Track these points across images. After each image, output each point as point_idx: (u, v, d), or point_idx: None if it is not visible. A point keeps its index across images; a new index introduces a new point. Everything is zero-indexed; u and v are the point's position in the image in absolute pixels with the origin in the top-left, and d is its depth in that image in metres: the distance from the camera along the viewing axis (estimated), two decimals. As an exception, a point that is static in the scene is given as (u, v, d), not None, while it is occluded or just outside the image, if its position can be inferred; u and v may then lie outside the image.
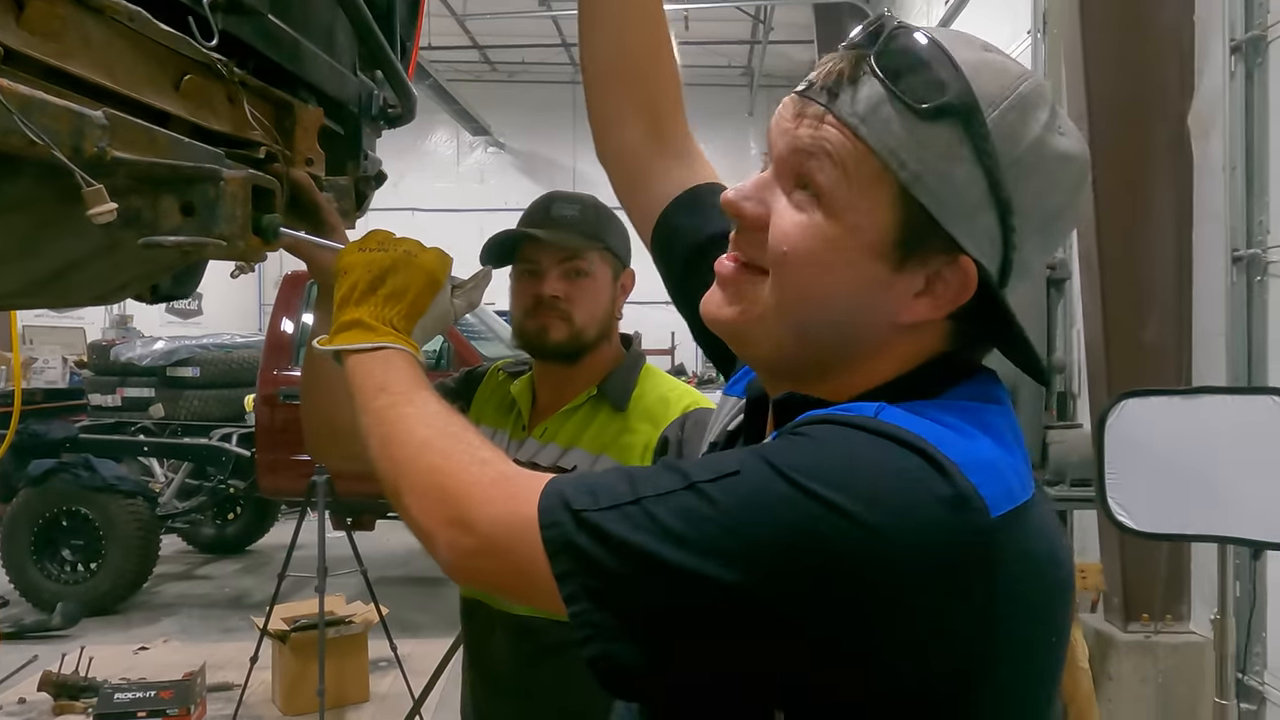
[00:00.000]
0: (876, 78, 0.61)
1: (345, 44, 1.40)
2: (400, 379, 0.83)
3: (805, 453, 0.59)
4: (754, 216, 0.66)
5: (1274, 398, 1.88)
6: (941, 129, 0.60)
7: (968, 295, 0.63)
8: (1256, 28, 2.93)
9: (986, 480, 0.58)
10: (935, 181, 0.60)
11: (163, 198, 0.86)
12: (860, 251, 0.63)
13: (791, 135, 0.64)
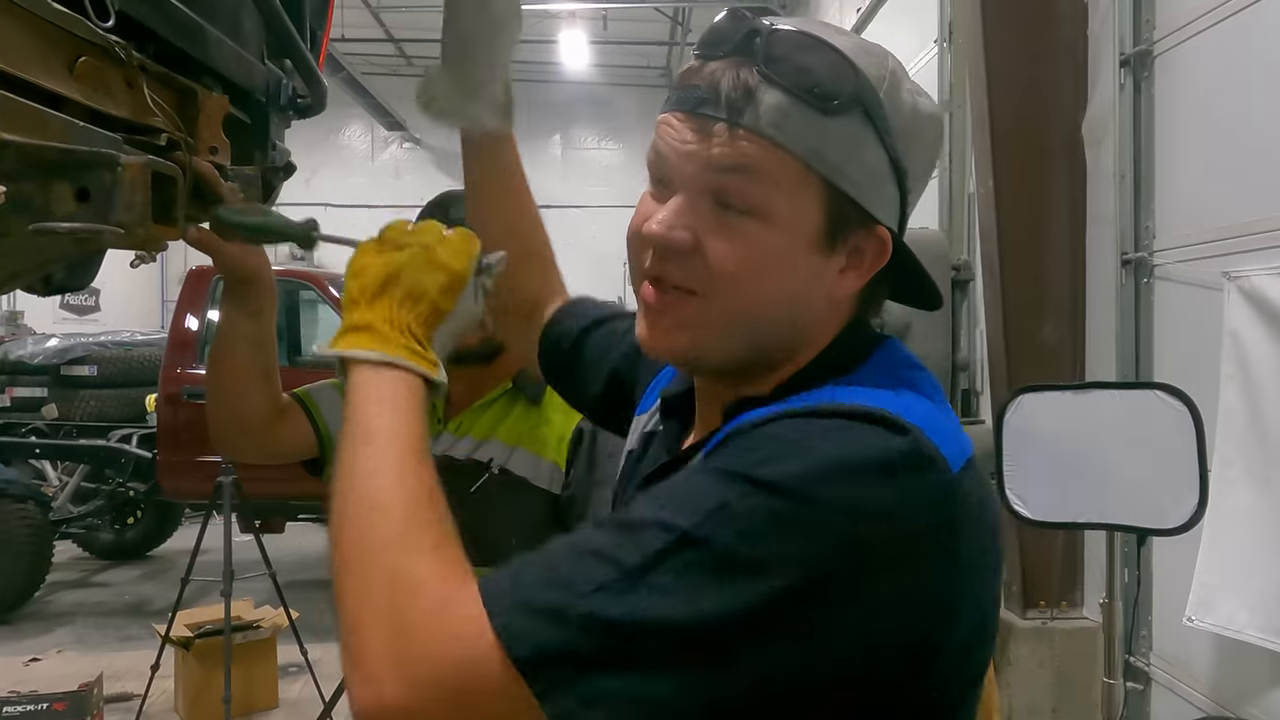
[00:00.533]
0: (777, 86, 0.62)
1: (252, 31, 1.36)
2: (398, 424, 0.71)
3: (783, 457, 0.56)
4: (685, 244, 0.65)
5: (1158, 392, 1.98)
6: (848, 120, 0.63)
7: (885, 259, 0.68)
8: (1143, 43, 3.08)
9: (944, 440, 0.60)
10: (853, 169, 0.64)
11: (55, 183, 0.83)
12: (798, 250, 0.65)
13: (703, 156, 0.64)
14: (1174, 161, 3.00)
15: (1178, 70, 2.98)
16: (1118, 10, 3.12)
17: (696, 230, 0.65)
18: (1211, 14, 2.77)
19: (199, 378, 5.14)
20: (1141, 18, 3.09)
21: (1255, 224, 2.56)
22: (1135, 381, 2.87)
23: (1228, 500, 2.41)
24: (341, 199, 13.26)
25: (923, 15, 5.30)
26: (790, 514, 0.54)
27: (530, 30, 11.52)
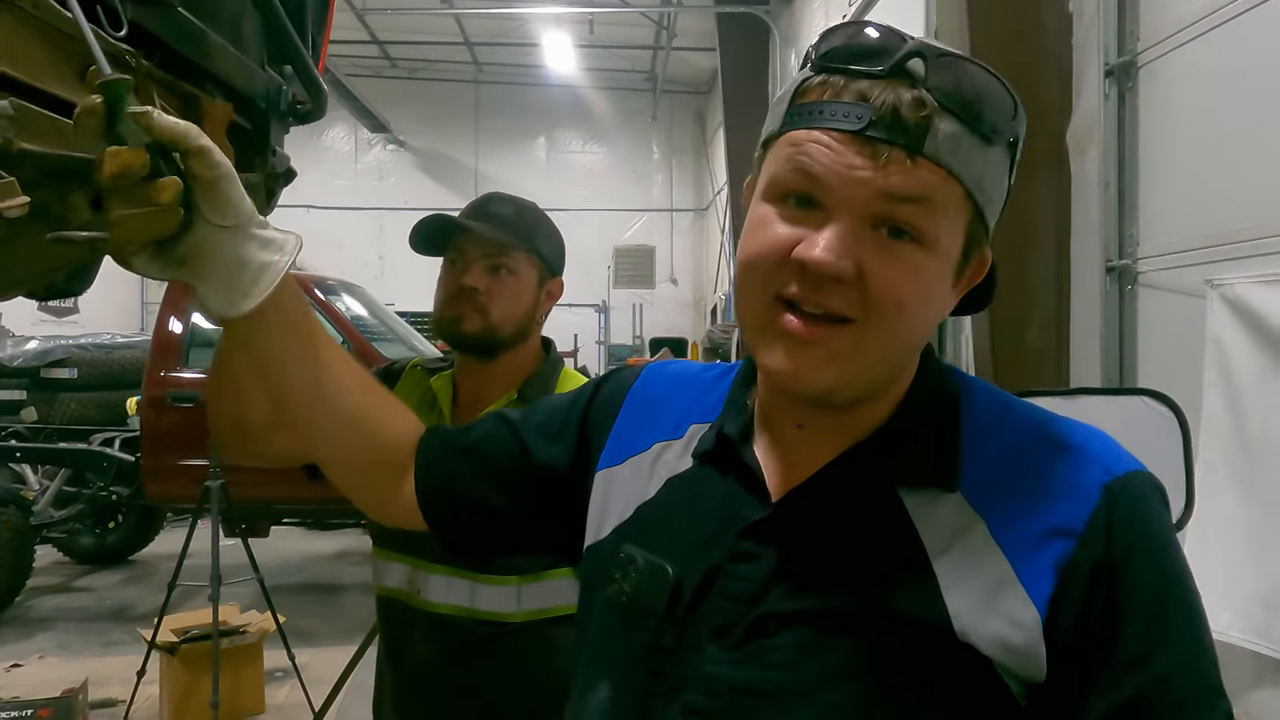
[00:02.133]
0: (952, 114, 0.61)
1: (254, 38, 1.37)
2: None
3: (1182, 580, 0.64)
4: (851, 273, 0.62)
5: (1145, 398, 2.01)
6: (1000, 150, 0.65)
7: (983, 275, 0.69)
8: (1128, 53, 3.13)
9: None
10: (997, 197, 0.66)
11: (72, 191, 0.83)
12: (946, 275, 0.66)
13: (879, 183, 0.61)
14: (1158, 170, 3.05)
15: (1162, 81, 3.02)
16: (1102, 21, 3.16)
17: (860, 260, 0.62)
18: (1195, 25, 2.82)
19: (183, 381, 5.10)
20: (1126, 29, 3.14)
21: (1238, 232, 2.61)
22: (1122, 388, 2.91)
23: (1211, 505, 2.45)
24: (325, 201, 13.22)
25: (908, 23, 5.34)
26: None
27: (516, 33, 11.52)
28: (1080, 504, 0.63)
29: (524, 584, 1.44)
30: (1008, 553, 0.62)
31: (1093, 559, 0.62)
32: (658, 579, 0.72)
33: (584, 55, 12.07)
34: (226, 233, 0.70)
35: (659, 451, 0.79)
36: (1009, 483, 0.65)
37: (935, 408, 0.69)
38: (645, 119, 14.07)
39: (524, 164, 13.82)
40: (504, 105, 13.88)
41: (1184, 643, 0.62)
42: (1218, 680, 0.62)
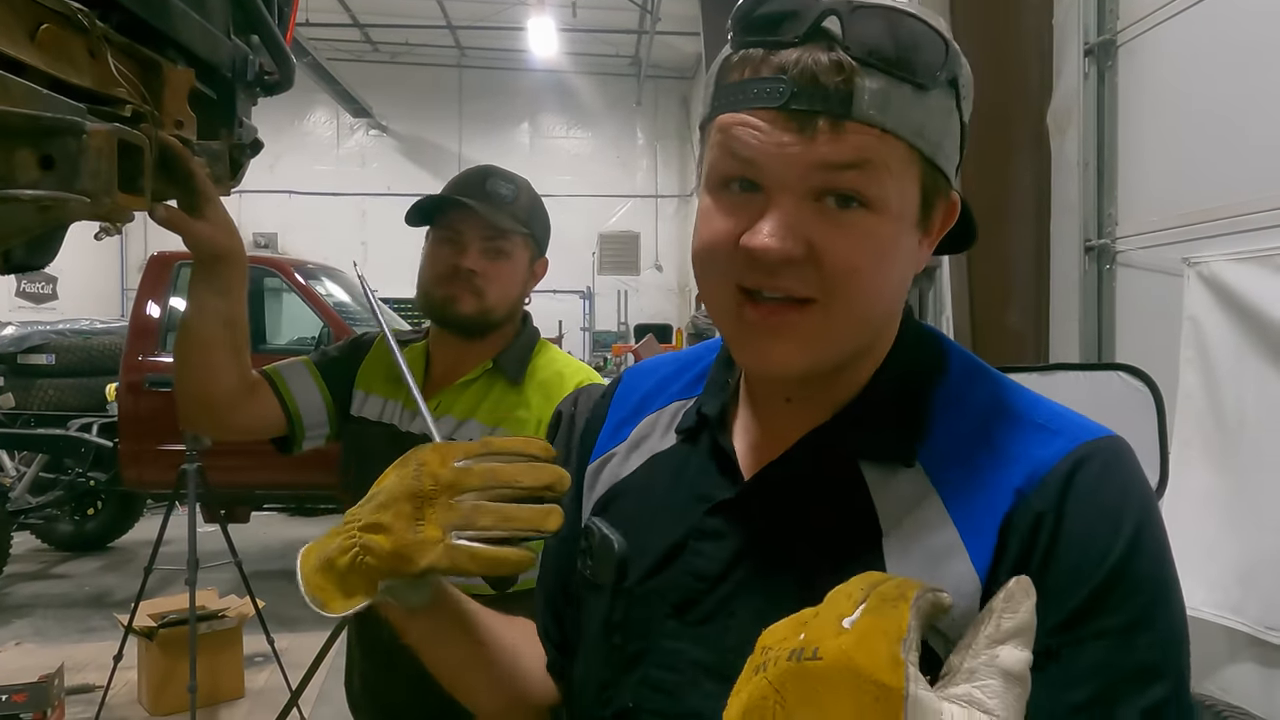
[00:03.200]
0: (876, 69, 0.58)
1: (219, 5, 1.34)
2: None
3: (1158, 557, 0.60)
4: (801, 255, 0.60)
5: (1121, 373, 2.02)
6: (940, 93, 0.61)
7: (953, 219, 0.66)
8: (1107, 33, 3.13)
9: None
10: (946, 141, 0.62)
11: (18, 149, 0.81)
12: (905, 234, 0.62)
13: (810, 156, 0.58)
14: (1137, 150, 3.05)
15: (1141, 60, 3.02)
16: (1082, 0, 3.16)
17: (808, 238, 0.59)
18: (1174, 4, 2.82)
19: (161, 366, 5.06)
20: (1105, 8, 3.14)
21: (1214, 211, 2.62)
22: (1098, 363, 2.92)
23: (1186, 480, 2.46)
24: (306, 186, 13.11)
25: (890, 5, 5.33)
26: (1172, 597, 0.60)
27: (499, 17, 11.43)
28: (1035, 467, 0.61)
29: None
30: (958, 523, 0.61)
31: (1034, 514, 0.59)
32: (607, 553, 0.73)
33: (567, 40, 12.00)
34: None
35: (643, 431, 0.80)
36: (967, 455, 0.63)
37: (907, 378, 0.68)
38: (629, 104, 14.00)
39: (508, 149, 13.73)
40: (487, 90, 13.78)
41: (1134, 613, 0.57)
42: (1159, 662, 0.57)
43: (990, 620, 0.51)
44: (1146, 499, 0.62)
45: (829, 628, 0.48)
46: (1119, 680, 0.56)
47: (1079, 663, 0.56)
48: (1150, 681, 0.56)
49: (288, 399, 1.47)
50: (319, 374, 1.52)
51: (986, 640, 0.50)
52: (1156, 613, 0.58)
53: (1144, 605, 0.58)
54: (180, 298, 5.28)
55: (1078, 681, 0.56)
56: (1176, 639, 0.59)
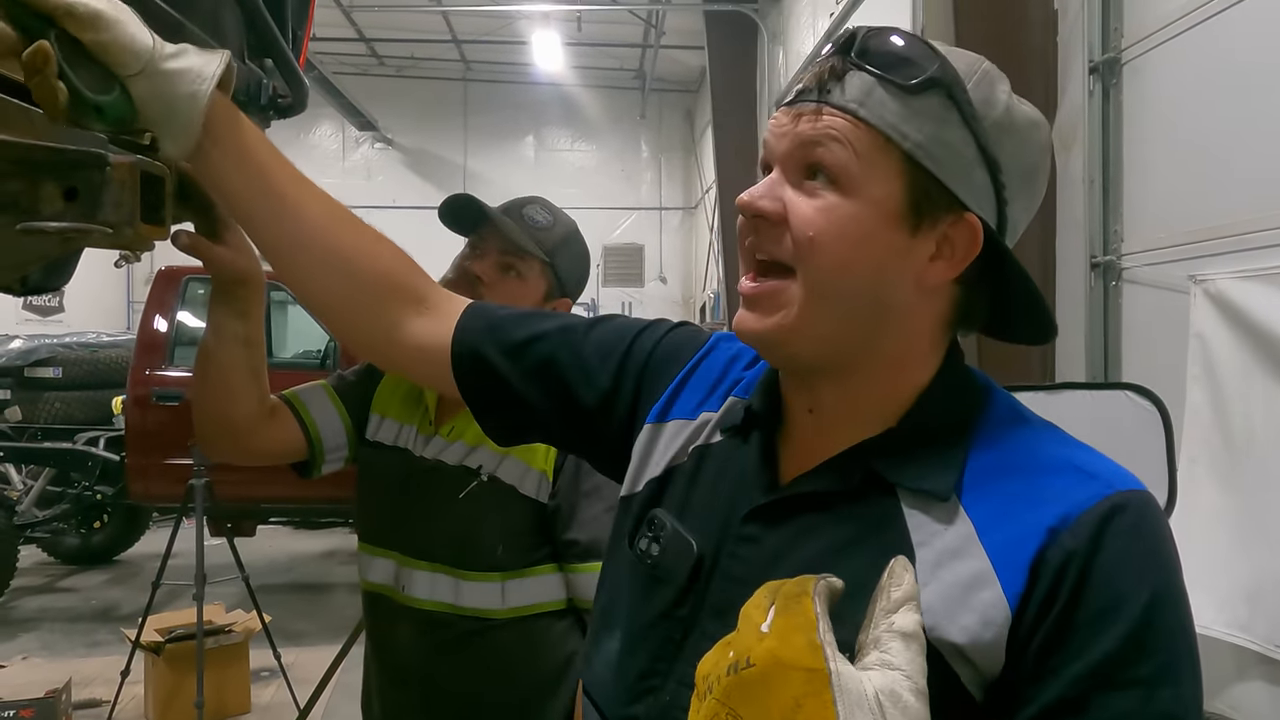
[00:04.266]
0: (864, 69, 0.67)
1: (233, 30, 1.36)
2: None
3: (1168, 572, 0.62)
4: (772, 212, 0.68)
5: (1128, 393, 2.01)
6: (931, 100, 0.66)
7: (977, 249, 0.68)
8: (1112, 50, 3.14)
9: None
10: (934, 146, 0.66)
11: (43, 182, 0.82)
12: (879, 223, 0.66)
13: (792, 133, 0.68)
14: (1142, 167, 3.06)
15: (1146, 77, 3.03)
16: (1087, 18, 3.17)
17: (784, 198, 0.68)
18: (1178, 22, 2.83)
19: (168, 380, 5.08)
20: (1110, 25, 3.15)
21: (1220, 228, 2.62)
22: (1105, 382, 2.92)
23: (1194, 498, 2.46)
24: (312, 199, 13.13)
25: (895, 20, 5.36)
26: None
27: (504, 31, 11.49)
28: (1070, 508, 0.62)
29: (507, 580, 1.44)
30: (991, 555, 0.62)
31: (1065, 552, 0.60)
32: (683, 551, 0.75)
33: (572, 53, 12.05)
34: (140, 79, 0.72)
35: (703, 421, 0.81)
36: (1004, 490, 0.65)
37: (950, 413, 0.70)
38: (634, 117, 14.05)
39: (513, 162, 13.78)
40: (492, 103, 13.84)
41: (1161, 665, 0.59)
42: (1181, 715, 0.58)
43: (882, 596, 0.56)
44: (1174, 557, 0.63)
45: (751, 637, 0.53)
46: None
47: (1108, 711, 0.58)
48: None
49: (308, 422, 1.47)
50: (337, 398, 1.52)
51: (882, 612, 0.55)
52: (1181, 667, 0.60)
53: (1169, 659, 0.59)
54: (188, 311, 5.30)
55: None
56: (1197, 697, 0.60)
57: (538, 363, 0.88)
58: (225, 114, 0.79)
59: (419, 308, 0.89)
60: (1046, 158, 0.73)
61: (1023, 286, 0.70)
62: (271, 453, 1.43)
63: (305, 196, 0.85)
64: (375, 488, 1.53)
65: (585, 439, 0.91)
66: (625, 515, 0.83)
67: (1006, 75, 0.72)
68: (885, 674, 0.52)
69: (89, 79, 0.71)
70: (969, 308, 0.72)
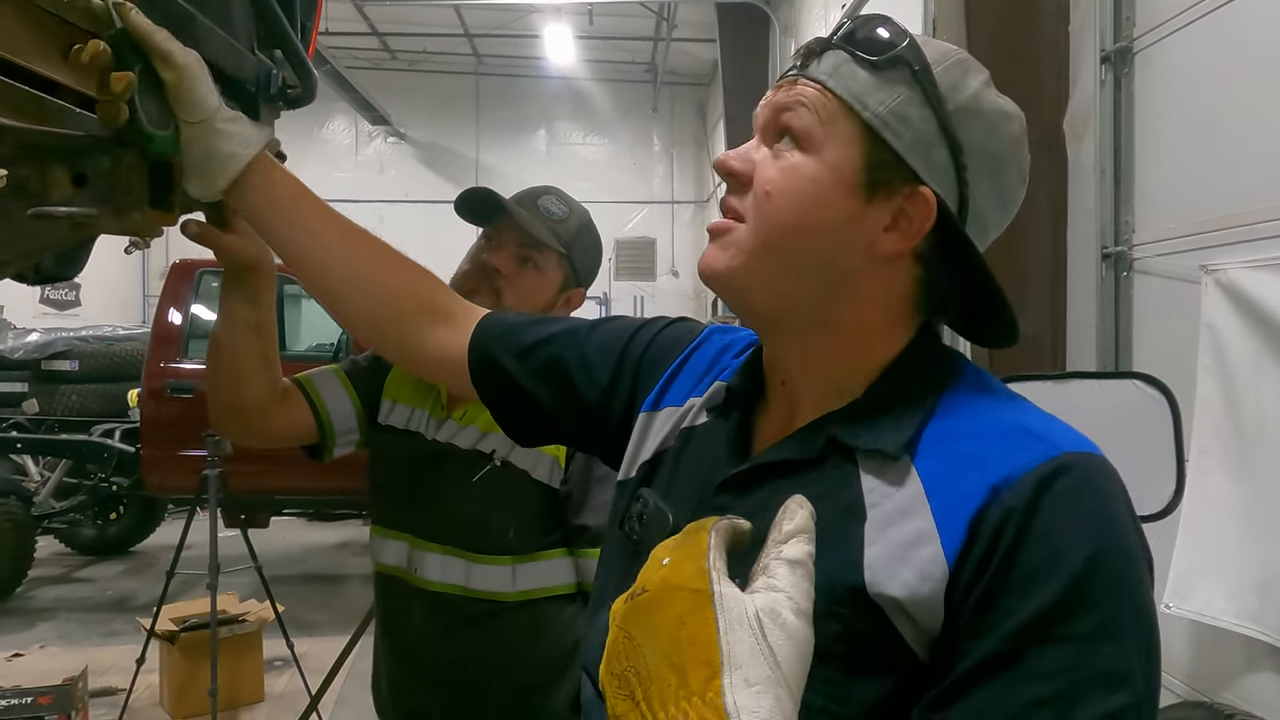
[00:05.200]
0: (838, 47, 0.72)
1: (242, 21, 1.37)
2: None
3: (1123, 528, 0.62)
4: (741, 171, 0.73)
5: (1137, 382, 2.01)
6: (896, 75, 0.70)
7: (930, 222, 0.70)
8: (1124, 39, 3.12)
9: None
10: (894, 119, 0.69)
11: (52, 167, 0.84)
12: (834, 187, 0.70)
13: (771, 102, 0.74)
14: (1154, 156, 3.04)
15: (1158, 66, 3.01)
16: (1099, 7, 3.15)
17: (755, 162, 0.73)
18: (1190, 10, 2.81)
19: (183, 372, 5.12)
20: (1122, 14, 3.13)
21: (1232, 218, 2.61)
22: (1114, 371, 2.91)
23: (1204, 488, 2.45)
24: (325, 193, 13.09)
25: (906, 12, 5.33)
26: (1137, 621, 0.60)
27: (516, 25, 11.50)
28: (1014, 469, 0.63)
29: (518, 564, 1.45)
30: (936, 513, 0.64)
31: (1004, 509, 0.61)
32: (660, 523, 0.78)
33: (584, 47, 12.04)
34: (196, 128, 0.86)
35: (689, 406, 0.86)
36: (956, 453, 0.66)
37: (913, 384, 0.72)
38: (646, 110, 14.04)
39: (525, 156, 13.79)
40: (504, 97, 13.85)
41: (1102, 621, 0.58)
42: (1126, 673, 0.58)
43: (775, 530, 0.58)
44: (1123, 517, 0.63)
45: (651, 570, 0.57)
46: (1082, 681, 0.57)
47: (1042, 663, 0.58)
48: (1115, 688, 0.57)
49: (319, 405, 1.49)
50: (349, 382, 1.54)
51: (773, 543, 0.57)
52: (1125, 625, 0.59)
53: (1112, 615, 0.59)
54: (202, 304, 5.34)
55: (1040, 679, 0.58)
56: (1147, 659, 0.59)
57: (545, 363, 0.94)
58: (262, 165, 0.92)
59: (439, 319, 0.98)
60: (1018, 150, 0.74)
61: (983, 276, 0.72)
62: (282, 434, 1.45)
63: (330, 228, 0.97)
64: (387, 471, 1.55)
65: (592, 435, 0.96)
66: (619, 500, 0.87)
67: (1019, 66, 0.75)
68: (768, 595, 0.54)
69: (153, 112, 0.83)
70: (930, 288, 0.73)
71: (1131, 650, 0.59)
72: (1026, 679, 0.58)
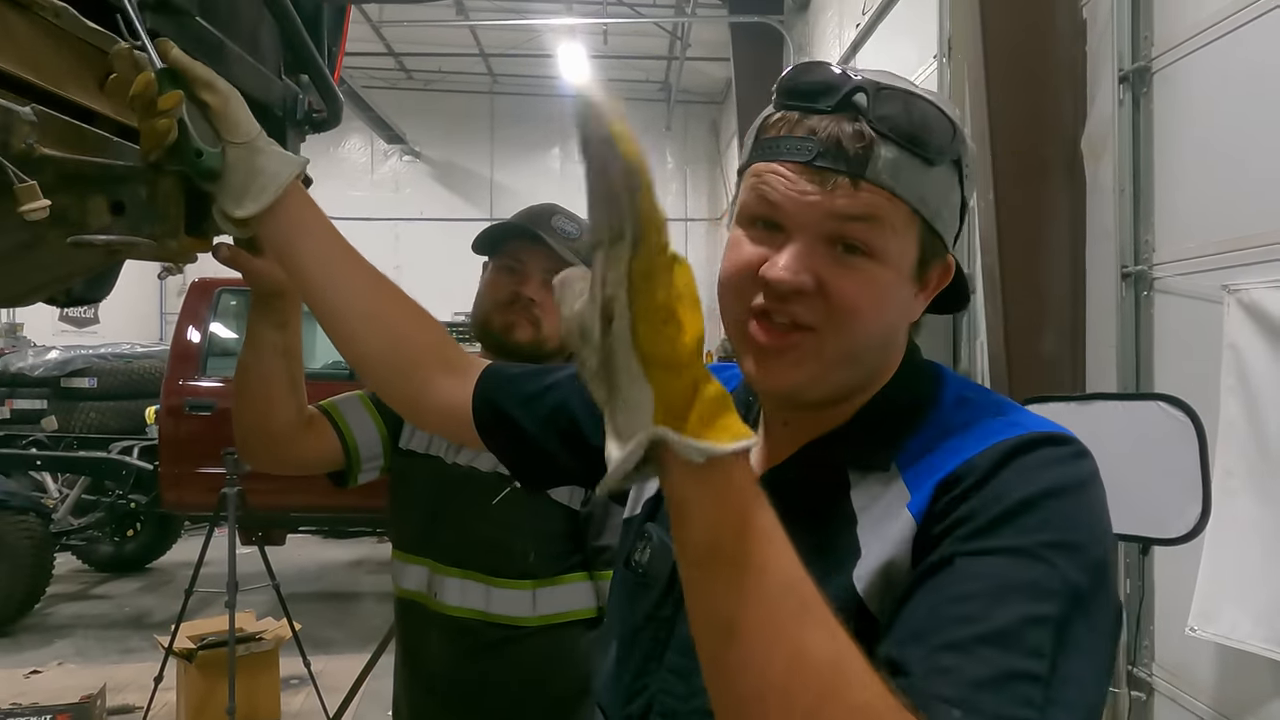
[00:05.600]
0: (892, 141, 0.69)
1: (270, 47, 1.39)
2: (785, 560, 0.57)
3: (1071, 523, 0.63)
4: (811, 287, 0.69)
5: (1161, 403, 2.00)
6: (944, 169, 0.72)
7: (949, 279, 0.76)
8: (1142, 59, 3.12)
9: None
10: (945, 211, 0.73)
11: (91, 196, 0.85)
12: (903, 285, 0.73)
13: (827, 206, 0.69)
14: (1173, 176, 3.03)
15: (1177, 86, 3.01)
16: (1116, 27, 3.15)
17: (818, 274, 0.69)
18: (1209, 30, 2.81)
19: (201, 390, 5.15)
20: (1140, 34, 3.13)
21: (1254, 237, 2.59)
22: (1138, 393, 2.89)
23: (1230, 510, 2.42)
24: (341, 212, 13.30)
25: (922, 31, 5.35)
26: (1093, 559, 0.62)
27: (530, 44, 11.59)
28: (987, 444, 0.67)
29: (538, 588, 1.45)
30: (910, 484, 0.69)
31: (970, 467, 0.65)
32: (664, 554, 0.81)
33: (598, 66, 12.13)
34: (240, 148, 0.88)
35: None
36: (936, 447, 0.71)
37: (898, 403, 0.76)
38: (659, 129, 14.10)
39: (539, 174, 13.86)
40: (519, 116, 13.94)
41: (1039, 544, 0.61)
42: (1056, 590, 0.59)
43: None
44: (1085, 480, 0.66)
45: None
46: (1009, 587, 0.59)
47: (974, 568, 0.61)
48: (1040, 598, 0.59)
49: (346, 432, 1.49)
50: (374, 407, 1.54)
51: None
52: (1062, 556, 0.61)
53: (1052, 541, 0.61)
54: (220, 323, 5.38)
55: (969, 580, 0.60)
56: (1080, 593, 0.60)
57: (550, 410, 0.96)
58: (297, 194, 0.94)
59: (446, 369, 0.99)
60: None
61: (959, 278, 0.78)
62: (309, 462, 1.45)
63: (356, 266, 0.97)
64: (408, 495, 1.55)
65: (600, 477, 0.95)
66: (625, 537, 0.89)
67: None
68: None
69: (200, 133, 0.87)
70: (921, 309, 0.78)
71: (1066, 576, 0.60)
72: (957, 579, 0.61)
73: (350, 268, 0.96)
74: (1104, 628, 0.61)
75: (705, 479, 0.55)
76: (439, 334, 1.01)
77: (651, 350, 0.53)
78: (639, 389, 0.54)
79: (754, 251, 0.72)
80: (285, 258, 0.95)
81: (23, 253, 0.98)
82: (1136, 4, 3.13)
